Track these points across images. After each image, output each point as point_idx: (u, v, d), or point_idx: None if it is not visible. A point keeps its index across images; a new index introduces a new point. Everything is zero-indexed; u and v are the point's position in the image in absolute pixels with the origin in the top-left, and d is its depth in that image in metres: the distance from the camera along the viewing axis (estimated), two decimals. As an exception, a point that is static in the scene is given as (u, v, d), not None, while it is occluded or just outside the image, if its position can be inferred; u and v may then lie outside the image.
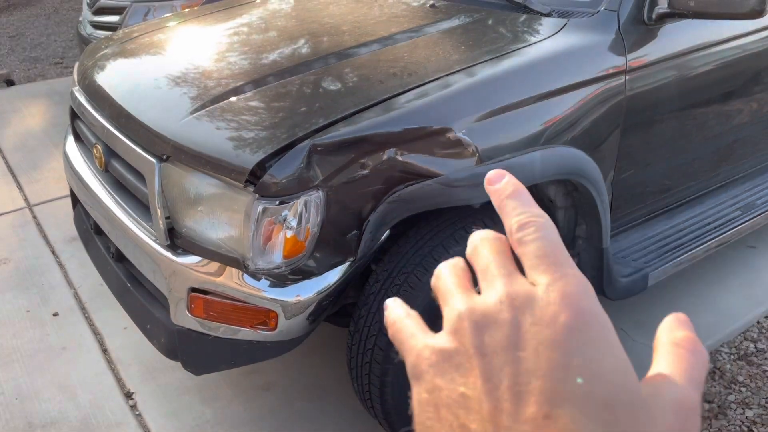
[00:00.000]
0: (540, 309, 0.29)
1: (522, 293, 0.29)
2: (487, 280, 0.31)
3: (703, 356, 0.31)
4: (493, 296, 0.30)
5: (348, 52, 1.98)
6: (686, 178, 2.40)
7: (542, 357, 0.28)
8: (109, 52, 2.38)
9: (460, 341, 0.30)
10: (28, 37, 7.32)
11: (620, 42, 1.94)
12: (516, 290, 0.30)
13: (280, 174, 1.54)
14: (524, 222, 0.32)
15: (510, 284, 0.30)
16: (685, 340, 0.31)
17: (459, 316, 0.30)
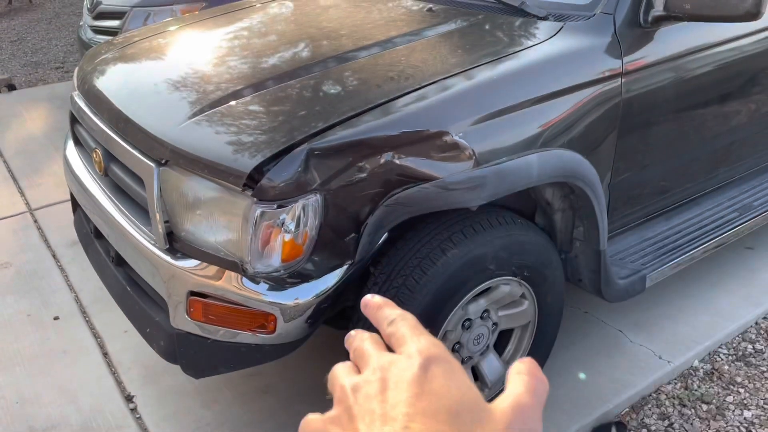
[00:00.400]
0: (402, 363, 0.39)
1: (388, 359, 0.40)
2: (364, 361, 0.42)
3: (541, 378, 0.40)
4: (368, 369, 0.40)
5: (346, 56, 1.99)
6: (684, 180, 2.40)
7: (403, 390, 0.37)
8: (108, 57, 2.40)
9: (343, 404, 0.39)
10: (30, 41, 7.35)
11: (616, 45, 1.95)
12: (383, 359, 0.40)
13: (278, 178, 1.56)
14: (390, 320, 0.43)
15: (380, 357, 0.41)
16: (524, 369, 0.41)
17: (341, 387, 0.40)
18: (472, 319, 1.92)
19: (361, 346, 0.43)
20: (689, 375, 2.39)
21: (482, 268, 1.81)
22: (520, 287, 1.96)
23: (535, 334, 2.07)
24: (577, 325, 2.56)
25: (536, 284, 1.97)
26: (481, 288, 1.86)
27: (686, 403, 2.27)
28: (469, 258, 1.77)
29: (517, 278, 1.92)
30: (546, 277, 1.98)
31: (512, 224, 1.87)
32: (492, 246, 1.81)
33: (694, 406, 2.26)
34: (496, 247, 1.81)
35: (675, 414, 2.23)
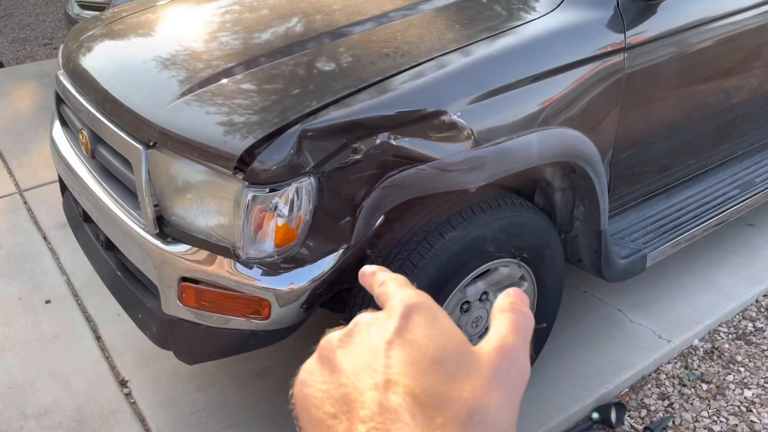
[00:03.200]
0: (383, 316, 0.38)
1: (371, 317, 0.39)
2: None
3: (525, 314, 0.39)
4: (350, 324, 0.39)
5: (340, 32, 1.92)
6: (685, 157, 2.36)
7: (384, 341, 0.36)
8: (95, 34, 2.32)
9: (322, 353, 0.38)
10: (17, 17, 7.20)
11: (619, 18, 1.89)
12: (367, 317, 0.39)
13: (270, 160, 1.50)
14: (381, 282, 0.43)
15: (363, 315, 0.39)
16: (509, 305, 0.39)
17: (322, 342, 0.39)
18: (471, 302, 1.88)
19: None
20: (689, 354, 2.37)
21: (481, 250, 1.77)
22: (519, 269, 1.92)
23: (534, 315, 2.04)
24: (576, 305, 2.53)
25: (536, 266, 1.93)
26: (479, 270, 1.82)
27: (686, 383, 2.25)
28: (467, 240, 1.73)
29: (517, 260, 1.88)
30: (545, 259, 1.94)
31: (511, 205, 1.82)
32: (491, 228, 1.76)
33: (694, 386, 2.24)
34: (494, 229, 1.77)
35: (675, 394, 2.21)
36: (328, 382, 0.36)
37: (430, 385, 0.33)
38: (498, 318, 0.39)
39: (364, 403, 0.33)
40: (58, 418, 2.14)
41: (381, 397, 0.33)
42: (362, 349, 0.36)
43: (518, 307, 0.39)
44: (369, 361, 0.35)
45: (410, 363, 0.34)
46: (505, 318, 0.38)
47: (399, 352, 0.35)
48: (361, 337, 0.37)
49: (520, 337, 0.37)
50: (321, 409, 0.35)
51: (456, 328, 0.38)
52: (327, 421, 0.34)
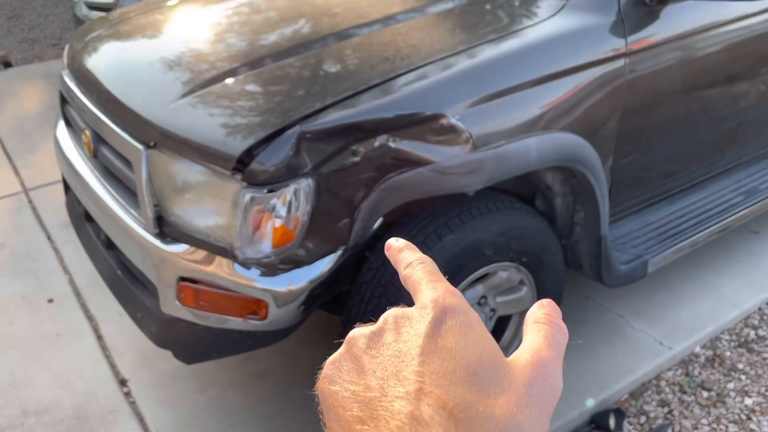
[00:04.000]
0: (415, 316, 0.36)
1: (401, 312, 0.37)
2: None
3: (561, 326, 0.38)
4: (379, 321, 0.38)
5: (341, 35, 1.93)
6: (688, 163, 2.35)
7: (415, 346, 0.34)
8: (100, 34, 2.33)
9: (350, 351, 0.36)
10: (26, 17, 7.25)
11: (620, 24, 1.88)
12: (396, 312, 0.37)
13: (268, 161, 1.51)
14: (407, 263, 0.41)
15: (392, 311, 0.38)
16: (543, 317, 0.38)
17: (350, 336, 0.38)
18: (469, 306, 1.88)
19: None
20: (690, 361, 2.36)
21: (479, 253, 1.77)
22: (518, 273, 1.92)
23: (533, 320, 2.03)
24: (577, 311, 2.52)
25: (535, 270, 1.93)
26: (478, 274, 1.82)
27: (686, 390, 2.24)
28: (466, 243, 1.73)
29: (516, 264, 1.88)
30: (545, 263, 1.94)
31: (511, 209, 1.82)
32: (490, 231, 1.76)
33: (695, 393, 2.23)
34: (493, 233, 1.77)
35: (675, 401, 2.20)
36: (356, 382, 0.35)
37: (463, 398, 0.32)
38: (532, 329, 0.37)
39: (393, 412, 0.32)
40: (58, 416, 2.15)
41: (412, 408, 0.32)
42: (392, 352, 0.35)
43: (553, 320, 0.38)
44: (399, 366, 0.34)
45: (444, 373, 0.33)
46: (540, 330, 0.37)
47: (432, 360, 0.33)
48: (391, 337, 0.36)
49: (555, 351, 0.36)
50: (348, 411, 0.34)
51: (490, 336, 0.36)
52: (355, 425, 0.33)
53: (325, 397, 0.36)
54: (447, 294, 0.37)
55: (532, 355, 0.35)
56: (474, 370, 0.33)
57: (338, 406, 0.34)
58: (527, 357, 0.35)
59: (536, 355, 0.35)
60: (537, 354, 0.35)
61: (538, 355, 0.35)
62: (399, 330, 0.36)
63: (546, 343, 0.36)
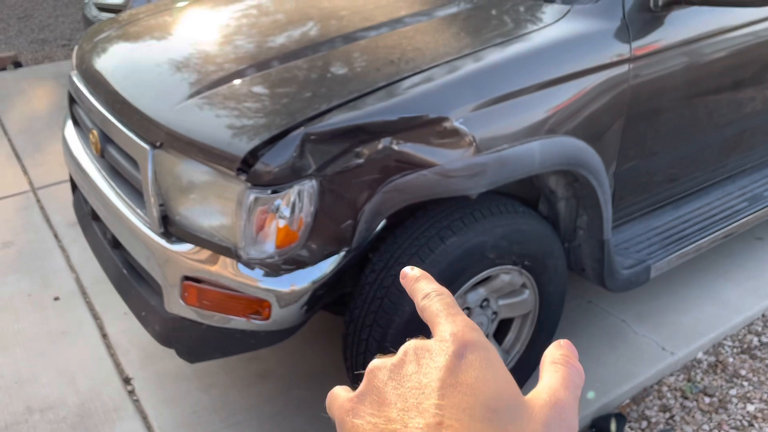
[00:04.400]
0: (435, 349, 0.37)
1: (420, 344, 0.38)
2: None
3: (578, 368, 0.38)
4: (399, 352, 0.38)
5: (347, 38, 1.95)
6: (692, 169, 2.35)
7: (436, 379, 0.35)
8: (109, 36, 2.36)
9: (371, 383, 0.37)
10: (37, 18, 7.31)
11: (625, 29, 1.89)
12: (416, 344, 0.38)
13: (272, 162, 1.52)
14: (425, 293, 0.42)
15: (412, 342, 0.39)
16: (561, 357, 0.39)
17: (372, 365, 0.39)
18: (471, 308, 1.89)
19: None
20: (693, 367, 2.36)
21: (482, 257, 1.77)
22: (520, 276, 1.93)
23: (535, 323, 2.04)
24: (580, 315, 2.53)
25: (537, 274, 1.94)
26: (480, 277, 1.83)
27: (688, 396, 2.24)
28: (468, 246, 1.74)
29: (518, 267, 1.88)
30: (547, 267, 1.94)
31: (513, 213, 1.83)
32: (492, 234, 1.77)
33: (697, 399, 2.23)
34: (496, 236, 1.78)
35: (677, 406, 2.20)
36: (378, 415, 0.35)
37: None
38: (549, 369, 0.38)
39: None
40: (62, 413, 2.17)
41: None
42: (413, 384, 0.35)
43: (571, 361, 0.39)
44: (420, 398, 0.34)
45: (463, 408, 0.33)
46: (558, 371, 0.38)
47: (452, 394, 0.34)
48: (412, 368, 0.36)
49: (572, 392, 0.37)
50: None
51: (508, 373, 0.37)
52: None
53: (346, 429, 0.36)
54: (467, 329, 0.38)
55: (550, 395, 0.36)
56: (493, 407, 0.33)
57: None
58: (545, 397, 0.36)
59: (554, 396, 0.36)
60: (555, 395, 0.36)
61: (555, 396, 0.36)
62: (419, 362, 0.36)
63: (563, 384, 0.37)
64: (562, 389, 0.36)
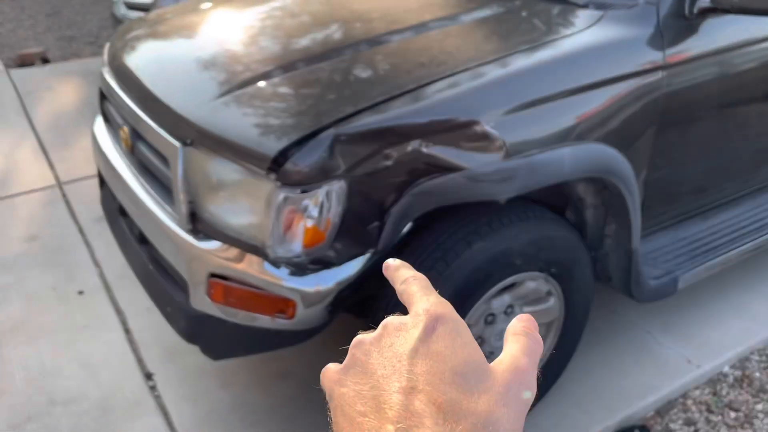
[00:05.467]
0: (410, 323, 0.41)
1: (397, 320, 0.42)
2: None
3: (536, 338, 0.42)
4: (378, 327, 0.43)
5: (378, 40, 1.94)
6: (723, 180, 2.32)
7: (410, 349, 0.39)
8: (139, 34, 2.38)
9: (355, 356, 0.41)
10: (65, 15, 7.41)
11: (659, 36, 1.87)
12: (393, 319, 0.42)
13: (302, 162, 1.52)
14: (403, 279, 0.46)
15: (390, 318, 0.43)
16: (521, 328, 0.43)
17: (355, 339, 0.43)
18: (496, 314, 1.87)
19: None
20: (718, 381, 2.32)
21: (508, 262, 1.76)
22: (546, 284, 1.91)
23: (560, 332, 2.02)
24: (604, 325, 2.50)
25: (564, 281, 1.92)
26: (506, 283, 1.81)
27: (714, 410, 2.20)
28: (495, 252, 1.72)
29: (544, 274, 1.86)
30: (574, 275, 1.92)
31: (541, 219, 1.81)
32: (519, 240, 1.75)
33: (722, 413, 2.19)
34: (523, 242, 1.76)
35: (701, 420, 2.16)
36: (361, 383, 0.39)
37: (451, 395, 0.36)
38: (511, 340, 0.42)
39: (392, 405, 0.36)
40: (84, 407, 2.19)
41: (407, 401, 0.36)
42: (390, 353, 0.40)
43: (530, 332, 0.43)
44: (396, 365, 0.39)
45: (434, 373, 0.37)
46: (518, 341, 0.42)
47: (423, 361, 0.38)
48: (390, 341, 0.41)
49: (531, 359, 0.41)
50: (353, 408, 0.38)
51: (475, 343, 0.40)
52: (357, 419, 0.37)
53: (335, 398, 0.40)
54: (438, 304, 0.42)
55: (511, 362, 0.40)
56: (461, 372, 0.38)
57: (345, 404, 0.39)
58: (507, 363, 0.40)
59: (514, 362, 0.40)
60: (515, 361, 0.40)
61: (516, 362, 0.40)
62: (396, 334, 0.41)
63: (523, 352, 0.41)
64: (522, 356, 0.40)
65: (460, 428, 0.35)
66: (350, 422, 0.38)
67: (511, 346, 0.41)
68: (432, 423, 0.35)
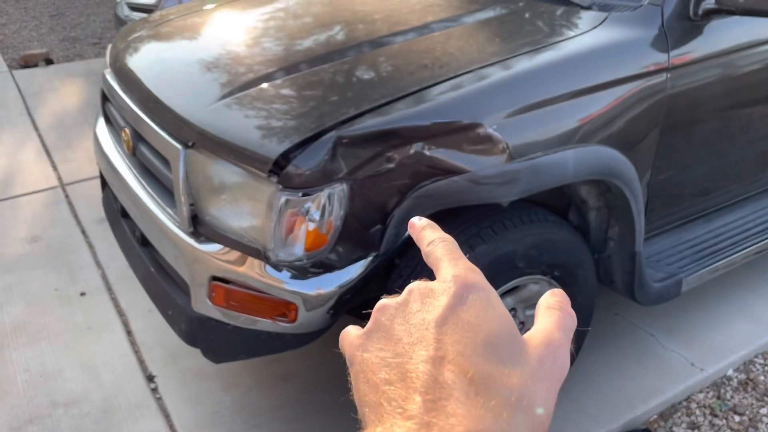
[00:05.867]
0: (438, 289, 0.39)
1: (424, 285, 0.40)
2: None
3: (570, 312, 0.41)
4: (404, 292, 0.41)
5: (380, 41, 1.94)
6: (727, 182, 2.30)
7: (438, 316, 0.37)
8: (141, 35, 2.38)
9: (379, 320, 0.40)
10: (69, 16, 7.42)
11: (663, 38, 1.86)
12: (420, 284, 0.40)
13: (304, 165, 1.52)
14: (430, 241, 0.45)
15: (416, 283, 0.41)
16: (555, 303, 0.41)
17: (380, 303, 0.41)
18: (499, 317, 1.86)
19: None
20: (722, 384, 2.31)
21: (511, 265, 1.75)
22: (549, 287, 1.90)
23: (562, 335, 2.01)
24: (607, 328, 2.49)
25: (567, 284, 1.91)
26: (509, 286, 1.80)
27: (718, 414, 2.19)
28: (497, 255, 1.71)
29: (547, 277, 1.85)
30: (577, 278, 1.91)
31: (544, 222, 1.80)
32: (522, 243, 1.75)
33: (726, 417, 2.18)
34: (526, 245, 1.75)
35: (705, 424, 2.15)
36: (385, 349, 0.37)
37: (482, 367, 0.35)
38: (544, 313, 0.40)
39: (419, 374, 0.35)
40: (85, 409, 2.19)
41: (436, 372, 0.34)
42: (417, 320, 0.38)
43: (564, 306, 0.41)
44: (424, 333, 0.37)
45: (465, 343, 0.36)
46: (552, 314, 0.40)
47: (452, 331, 0.36)
48: (416, 307, 0.38)
49: (564, 334, 0.39)
50: (377, 375, 0.36)
51: (507, 313, 0.39)
52: (382, 386, 0.36)
53: (356, 363, 0.38)
54: (468, 271, 0.40)
55: (545, 335, 0.38)
56: (493, 344, 0.36)
57: (368, 370, 0.37)
58: (540, 337, 0.38)
59: (548, 336, 0.38)
60: (548, 335, 0.38)
61: (549, 336, 0.38)
62: (423, 301, 0.39)
63: (557, 326, 0.39)
64: (556, 330, 0.39)
65: (493, 403, 0.33)
66: (374, 390, 0.36)
67: (545, 319, 0.40)
68: (463, 396, 0.33)
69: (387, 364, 0.37)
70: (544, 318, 0.40)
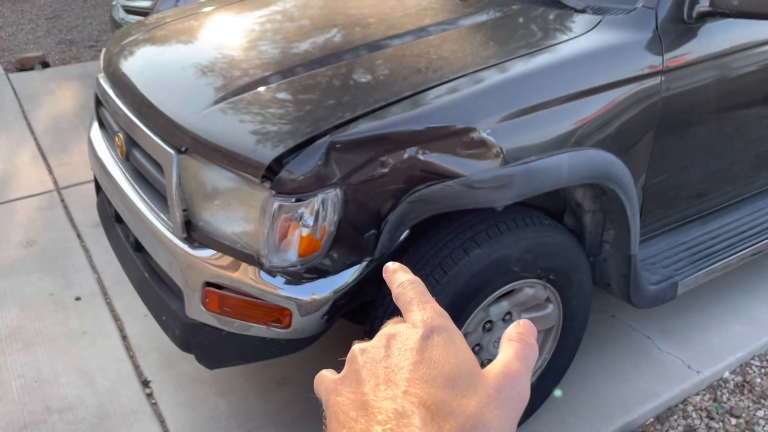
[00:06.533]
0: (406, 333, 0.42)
1: (393, 330, 0.43)
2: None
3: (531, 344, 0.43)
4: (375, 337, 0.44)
5: (374, 46, 1.93)
6: (723, 184, 2.30)
7: (405, 358, 0.40)
8: (136, 39, 2.37)
9: (352, 366, 0.43)
10: (65, 19, 7.41)
11: (657, 41, 1.85)
12: (388, 330, 0.44)
13: (297, 170, 1.51)
14: (399, 283, 0.48)
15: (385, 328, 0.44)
16: (516, 335, 0.44)
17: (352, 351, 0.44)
18: (494, 321, 1.86)
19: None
20: (719, 387, 2.30)
21: (506, 269, 1.74)
22: (545, 290, 1.89)
23: (558, 338, 2.01)
24: (603, 330, 2.48)
25: (562, 288, 1.90)
26: (504, 290, 1.80)
27: (714, 416, 2.19)
28: (492, 259, 1.71)
29: (542, 281, 1.85)
30: (572, 281, 1.91)
31: (539, 225, 1.80)
32: (517, 247, 1.74)
33: (723, 420, 2.17)
34: (521, 249, 1.75)
35: (702, 427, 2.15)
36: (354, 391, 0.41)
37: (441, 398, 0.37)
38: (506, 345, 0.43)
39: (381, 408, 0.38)
40: (80, 414, 2.18)
41: (396, 405, 0.37)
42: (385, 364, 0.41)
43: (525, 338, 0.43)
44: (390, 375, 0.40)
45: (426, 379, 0.38)
46: (512, 346, 0.43)
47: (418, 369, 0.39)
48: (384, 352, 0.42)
49: (524, 364, 0.41)
50: (346, 414, 0.40)
51: (469, 351, 0.42)
52: (348, 423, 0.39)
53: (330, 405, 0.42)
54: (435, 315, 0.43)
55: (503, 366, 0.41)
56: (453, 378, 0.39)
57: (339, 411, 0.40)
58: (499, 367, 0.41)
59: (506, 367, 0.41)
60: (507, 366, 0.41)
61: (508, 366, 0.41)
62: (391, 346, 0.42)
63: (516, 357, 0.42)
64: (515, 361, 0.41)
65: (448, 426, 0.36)
66: (341, 426, 0.39)
67: (505, 351, 0.42)
68: (420, 422, 0.36)
69: (355, 403, 0.40)
70: (504, 349, 0.43)
